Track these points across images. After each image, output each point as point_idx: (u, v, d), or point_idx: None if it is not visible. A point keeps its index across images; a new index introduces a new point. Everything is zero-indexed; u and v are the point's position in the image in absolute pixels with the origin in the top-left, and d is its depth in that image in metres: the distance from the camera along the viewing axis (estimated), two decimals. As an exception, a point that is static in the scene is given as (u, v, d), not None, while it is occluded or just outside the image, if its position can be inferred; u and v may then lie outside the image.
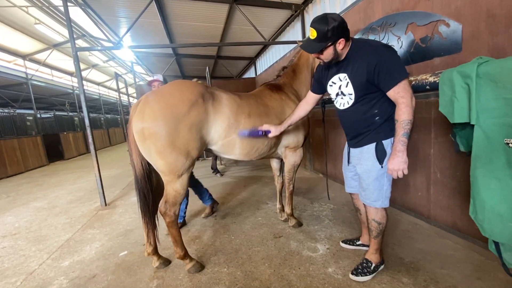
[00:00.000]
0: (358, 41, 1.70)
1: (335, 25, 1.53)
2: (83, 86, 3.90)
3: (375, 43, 1.66)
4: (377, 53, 1.56)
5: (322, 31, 1.54)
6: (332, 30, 1.53)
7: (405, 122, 1.53)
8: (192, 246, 2.63)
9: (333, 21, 1.52)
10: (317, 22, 1.56)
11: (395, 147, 1.57)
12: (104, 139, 16.70)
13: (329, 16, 1.54)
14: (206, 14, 5.42)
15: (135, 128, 1.93)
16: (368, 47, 1.62)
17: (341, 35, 1.58)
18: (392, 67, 1.52)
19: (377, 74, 1.56)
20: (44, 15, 8.21)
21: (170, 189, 2.03)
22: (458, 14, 2.16)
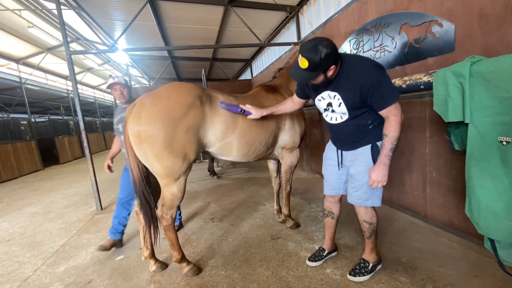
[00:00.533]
0: (348, 60, 1.64)
1: (327, 53, 1.46)
2: (78, 89, 3.87)
3: (366, 63, 1.62)
4: (370, 75, 1.54)
5: (314, 62, 1.48)
6: (325, 59, 1.48)
7: (394, 138, 1.56)
8: (189, 249, 2.61)
9: (324, 50, 1.45)
10: (309, 52, 1.48)
11: (381, 160, 1.60)
12: (100, 143, 16.57)
13: (320, 45, 1.46)
14: (201, 17, 5.42)
15: (131, 131, 1.91)
16: (360, 69, 1.59)
17: (332, 62, 1.53)
18: (384, 90, 1.53)
19: (370, 96, 1.56)
20: (37, 18, 8.13)
21: (167, 193, 2.01)
22: (450, 14, 2.19)
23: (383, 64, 2.92)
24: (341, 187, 2.04)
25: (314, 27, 4.52)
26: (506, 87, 1.29)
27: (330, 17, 3.89)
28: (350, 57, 1.67)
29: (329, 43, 1.48)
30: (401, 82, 1.90)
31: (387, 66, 2.91)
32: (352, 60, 1.64)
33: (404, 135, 2.79)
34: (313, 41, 1.50)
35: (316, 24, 4.45)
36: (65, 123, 13.36)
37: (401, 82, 1.90)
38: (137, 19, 4.85)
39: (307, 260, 2.19)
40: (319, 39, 1.50)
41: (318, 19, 4.39)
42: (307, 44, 1.51)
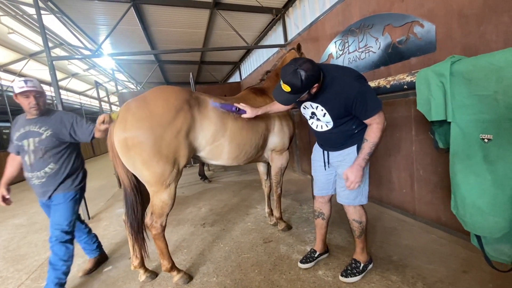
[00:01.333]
0: (330, 72, 1.65)
1: (308, 77, 1.49)
2: (60, 95, 3.76)
3: (348, 76, 1.63)
4: (353, 88, 1.56)
5: (295, 86, 1.51)
6: (306, 82, 1.50)
7: (373, 144, 1.61)
8: (180, 256, 2.56)
9: (304, 73, 1.47)
10: (290, 77, 1.50)
11: (358, 162, 1.65)
12: (88, 149, 16.18)
13: (300, 69, 1.47)
14: (187, 20, 5.38)
15: (117, 138, 1.85)
16: (342, 82, 1.61)
17: (314, 82, 1.55)
18: (368, 102, 1.56)
19: (354, 108, 1.59)
20: (18, 24, 7.92)
21: (157, 200, 1.96)
22: (431, 15, 2.24)
23: (368, 65, 2.99)
24: (330, 187, 2.06)
25: (300, 29, 4.55)
26: (486, 85, 1.32)
27: (316, 19, 3.93)
28: (332, 69, 1.68)
29: (309, 65, 1.50)
30: (385, 82, 1.92)
31: (372, 66, 2.95)
32: (334, 72, 1.66)
33: (390, 134, 2.83)
34: (292, 65, 1.51)
35: (302, 26, 4.48)
36: (50, 131, 12.99)
37: (385, 82, 1.92)
38: (122, 24, 4.78)
39: (299, 262, 2.19)
40: (299, 62, 1.51)
41: (304, 21, 4.42)
42: (287, 69, 1.52)
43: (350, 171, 1.67)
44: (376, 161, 3.10)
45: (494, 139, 1.31)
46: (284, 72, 1.54)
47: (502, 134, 1.28)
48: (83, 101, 18.37)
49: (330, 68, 1.69)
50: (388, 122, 2.80)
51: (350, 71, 1.69)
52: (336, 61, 3.57)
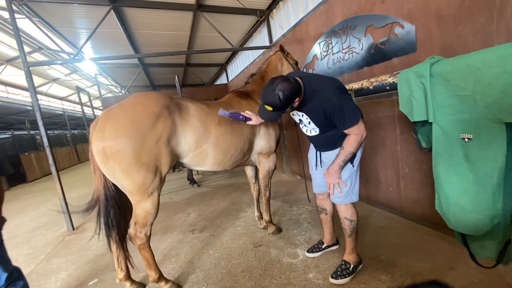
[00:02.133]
0: (311, 84, 1.71)
1: (286, 97, 1.57)
2: (39, 102, 3.61)
3: (327, 89, 1.66)
4: (331, 102, 1.61)
5: (276, 106, 1.61)
6: (285, 101, 1.59)
7: (349, 152, 1.69)
8: (168, 265, 2.50)
9: (282, 94, 1.56)
10: (269, 99, 1.60)
11: (333, 167, 1.75)
12: (72, 157, 15.71)
13: (278, 90, 1.56)
14: (170, 22, 5.29)
15: (96, 148, 1.79)
16: (321, 95, 1.66)
17: (294, 99, 1.64)
18: (346, 114, 1.61)
19: (333, 119, 1.66)
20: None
21: (139, 210, 1.90)
22: (410, 15, 2.27)
23: (352, 66, 3.01)
24: (325, 184, 2.07)
25: (284, 30, 4.55)
26: (464, 86, 1.34)
27: (300, 20, 3.94)
28: (313, 82, 1.73)
29: (285, 85, 1.57)
30: (368, 83, 1.94)
31: (355, 67, 2.97)
32: (314, 85, 1.71)
33: (376, 133, 2.86)
34: (271, 86, 1.59)
35: (286, 27, 4.49)
36: (31, 138, 12.52)
37: (368, 83, 1.94)
38: (103, 27, 4.65)
39: (306, 252, 2.34)
40: (276, 83, 1.59)
41: (288, 22, 4.43)
42: (267, 90, 1.62)
43: (327, 175, 1.78)
44: (363, 160, 3.09)
45: (474, 138, 1.34)
46: (264, 93, 1.65)
47: (482, 133, 1.31)
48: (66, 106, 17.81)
49: (312, 81, 1.74)
50: (373, 122, 2.86)
51: (330, 83, 1.71)
52: (320, 62, 3.58)
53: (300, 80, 1.72)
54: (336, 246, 2.37)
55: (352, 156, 1.72)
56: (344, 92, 1.70)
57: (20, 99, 12.77)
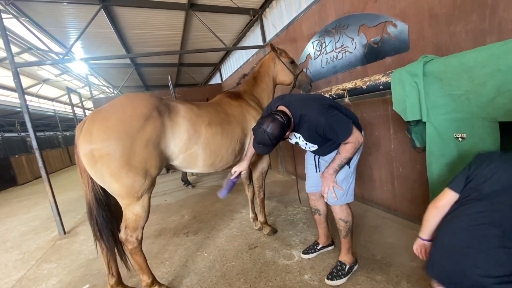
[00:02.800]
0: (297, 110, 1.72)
1: (276, 136, 1.61)
2: (27, 103, 3.52)
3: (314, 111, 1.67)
4: (321, 123, 1.64)
5: (268, 144, 1.64)
6: (276, 139, 1.63)
7: (344, 158, 1.69)
8: (162, 269, 2.45)
9: (271, 134, 1.60)
10: (261, 140, 1.63)
11: (328, 171, 1.75)
12: (64, 159, 15.44)
13: (267, 131, 1.60)
14: (162, 22, 5.22)
15: (83, 151, 1.73)
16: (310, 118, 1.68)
17: (285, 133, 1.67)
18: (338, 130, 1.63)
19: (327, 135, 1.67)
20: (-21, 28, 7.39)
21: (129, 214, 1.86)
22: (403, 14, 2.27)
23: (345, 65, 3.00)
24: (320, 183, 2.09)
25: (278, 29, 4.53)
26: (457, 85, 1.33)
27: (293, 20, 3.92)
28: (298, 107, 1.74)
29: (274, 126, 1.60)
30: (361, 83, 1.93)
31: (349, 66, 2.97)
32: (300, 109, 1.72)
33: (370, 132, 2.86)
34: (260, 127, 1.62)
35: (279, 26, 4.47)
36: (21, 140, 12.29)
37: (361, 83, 1.93)
38: (93, 27, 4.56)
39: (301, 253, 2.32)
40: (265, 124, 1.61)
41: (281, 21, 4.40)
42: (257, 131, 1.65)
43: (322, 178, 1.78)
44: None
45: (468, 137, 1.33)
46: (254, 133, 1.68)
47: (475, 132, 1.30)
48: (57, 107, 17.51)
49: (297, 107, 1.75)
50: (366, 121, 2.85)
51: (314, 104, 1.71)
52: (314, 61, 3.57)
53: (287, 108, 1.74)
54: (331, 246, 2.35)
55: (347, 161, 1.73)
56: (330, 108, 1.69)
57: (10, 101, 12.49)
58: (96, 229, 1.91)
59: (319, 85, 3.51)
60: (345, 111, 1.79)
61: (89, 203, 1.91)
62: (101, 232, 1.91)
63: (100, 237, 1.92)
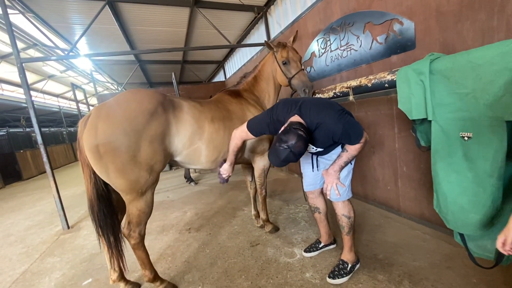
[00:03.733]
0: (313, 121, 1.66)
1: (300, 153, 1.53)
2: (32, 99, 3.54)
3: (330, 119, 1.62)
4: (337, 131, 1.60)
5: (292, 161, 1.56)
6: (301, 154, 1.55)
7: (351, 156, 1.69)
8: (164, 265, 2.47)
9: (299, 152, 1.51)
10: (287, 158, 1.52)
11: (333, 167, 1.72)
12: (68, 154, 15.58)
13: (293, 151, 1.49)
14: (167, 18, 5.22)
15: (88, 146, 1.74)
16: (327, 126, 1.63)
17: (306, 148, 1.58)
18: (351, 137, 1.61)
19: (340, 140, 1.67)
20: (-14, 24, 7.45)
21: (133, 209, 1.87)
22: (410, 12, 2.24)
23: (350, 63, 2.98)
24: (318, 182, 2.11)
25: (282, 27, 4.51)
26: (464, 83, 1.31)
27: (298, 17, 3.90)
28: (314, 116, 1.66)
29: (301, 142, 1.49)
30: (366, 81, 1.91)
31: (354, 64, 2.94)
32: (316, 119, 1.65)
33: (374, 131, 2.84)
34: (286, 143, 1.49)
35: (284, 24, 4.44)
36: (26, 136, 12.38)
37: (366, 81, 1.91)
38: (98, 23, 4.58)
39: (303, 251, 2.32)
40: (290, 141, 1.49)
41: (286, 19, 4.38)
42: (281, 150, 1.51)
43: (326, 174, 1.75)
44: (361, 159, 3.11)
45: (474, 137, 1.31)
46: (278, 152, 1.53)
47: (482, 132, 1.28)
48: (61, 103, 17.62)
49: (312, 116, 1.66)
50: (371, 120, 2.84)
51: (329, 110, 1.65)
52: (318, 59, 3.55)
53: (301, 118, 1.67)
54: (333, 245, 2.35)
55: (353, 158, 1.73)
56: (344, 113, 1.66)
57: (15, 96, 12.59)
58: (97, 224, 1.92)
59: (323, 83, 3.48)
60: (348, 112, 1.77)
61: (90, 199, 1.91)
62: (102, 227, 1.92)
63: (101, 233, 1.93)
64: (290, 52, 2.51)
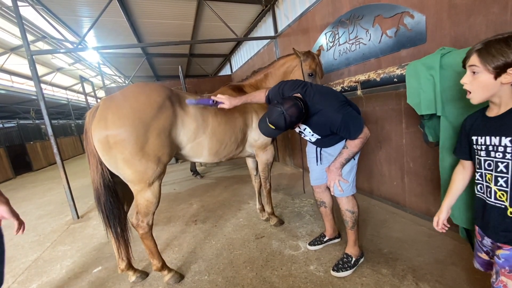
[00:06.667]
0: (314, 101, 1.69)
1: (292, 122, 1.58)
2: (43, 91, 3.61)
3: (331, 106, 1.65)
4: (336, 119, 1.62)
5: (279, 127, 1.61)
6: (290, 124, 1.60)
7: (352, 152, 1.71)
8: (171, 255, 2.53)
9: (289, 118, 1.56)
10: (275, 119, 1.58)
11: (335, 164, 1.75)
12: (77, 146, 15.86)
13: (287, 113, 1.55)
14: (174, 11, 5.21)
15: (97, 137, 1.78)
16: (326, 113, 1.66)
17: (297, 122, 1.65)
18: (350, 129, 1.63)
19: (339, 132, 1.68)
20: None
21: (141, 199, 1.91)
22: (421, 5, 2.20)
23: (358, 57, 2.95)
24: (324, 176, 2.11)
25: (290, 20, 4.45)
26: (475, 78, 1.29)
27: (306, 10, 3.85)
28: (316, 101, 1.70)
29: (295, 110, 1.56)
30: (375, 75, 1.89)
31: (362, 58, 2.91)
32: (318, 104, 1.69)
33: (381, 126, 2.82)
34: (280, 107, 1.57)
35: (292, 17, 4.39)
36: (36, 128, 12.62)
37: (375, 75, 1.89)
38: (106, 15, 4.59)
39: (307, 244, 2.35)
40: (286, 106, 1.56)
41: (294, 11, 4.33)
42: (274, 110, 1.59)
43: (328, 171, 1.79)
44: (367, 154, 3.10)
45: (484, 132, 1.30)
46: (270, 111, 1.62)
47: (492, 127, 1.27)
48: (70, 96, 17.85)
49: (315, 99, 1.70)
50: (378, 115, 2.82)
51: (333, 100, 1.69)
52: (326, 53, 3.51)
53: (303, 98, 1.71)
54: (338, 239, 2.37)
55: (354, 155, 1.74)
56: (346, 105, 1.68)
57: (25, 88, 12.80)
58: (104, 215, 1.98)
59: (331, 77, 3.45)
60: (354, 106, 1.79)
61: (96, 189, 1.95)
62: (108, 217, 1.97)
63: (108, 223, 1.99)
64: (318, 67, 2.53)
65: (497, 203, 1.00)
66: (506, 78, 0.87)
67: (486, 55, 0.90)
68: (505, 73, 0.87)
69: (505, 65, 0.86)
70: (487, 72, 0.92)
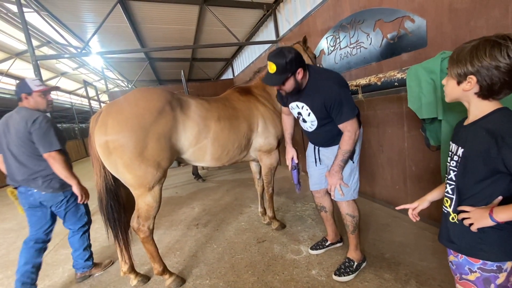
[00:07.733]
0: (315, 72, 1.75)
1: (292, 57, 1.59)
2: (47, 97, 3.64)
3: (331, 81, 1.68)
4: (333, 94, 1.63)
5: (281, 64, 1.59)
6: (290, 62, 1.59)
7: (345, 151, 1.72)
8: (173, 259, 2.52)
9: (289, 53, 1.59)
10: (275, 56, 1.61)
11: (333, 168, 1.78)
12: (80, 150, 15.97)
13: (284, 49, 1.61)
14: (176, 16, 5.27)
15: (98, 142, 1.81)
16: (325, 86, 1.68)
17: (298, 65, 1.64)
18: (344, 109, 1.64)
19: (331, 110, 1.68)
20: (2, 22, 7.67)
21: (141, 203, 1.92)
22: (422, 9, 2.20)
23: (359, 61, 2.96)
24: (323, 181, 2.11)
25: (291, 24, 4.49)
26: (476, 82, 1.29)
27: (307, 14, 3.87)
28: (317, 71, 1.76)
29: (293, 50, 1.63)
30: (376, 79, 1.90)
31: (363, 62, 2.92)
32: (319, 74, 1.74)
33: (383, 130, 2.82)
34: (279, 48, 1.64)
35: (293, 21, 4.42)
36: (40, 131, 12.71)
37: (376, 79, 1.90)
38: (110, 21, 4.65)
39: (309, 248, 2.34)
40: (284, 47, 1.66)
41: (295, 16, 4.36)
42: (273, 50, 1.64)
43: (328, 176, 1.81)
44: (369, 158, 3.09)
45: (485, 136, 1.30)
46: (270, 53, 1.65)
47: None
48: (74, 100, 18.00)
49: (317, 70, 1.78)
50: (380, 118, 2.81)
51: (335, 76, 1.74)
52: (328, 57, 3.53)
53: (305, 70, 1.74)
54: (339, 243, 2.35)
55: (350, 154, 1.75)
56: (346, 86, 1.72)
57: (30, 93, 12.92)
58: (105, 217, 1.99)
59: (332, 81, 3.46)
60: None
61: (99, 192, 1.99)
62: (109, 220, 1.99)
63: (110, 226, 2.00)
64: None
65: (445, 208, 1.07)
66: (466, 86, 0.88)
67: (452, 60, 0.93)
68: (465, 80, 0.88)
69: (465, 73, 0.87)
70: (451, 77, 0.94)
